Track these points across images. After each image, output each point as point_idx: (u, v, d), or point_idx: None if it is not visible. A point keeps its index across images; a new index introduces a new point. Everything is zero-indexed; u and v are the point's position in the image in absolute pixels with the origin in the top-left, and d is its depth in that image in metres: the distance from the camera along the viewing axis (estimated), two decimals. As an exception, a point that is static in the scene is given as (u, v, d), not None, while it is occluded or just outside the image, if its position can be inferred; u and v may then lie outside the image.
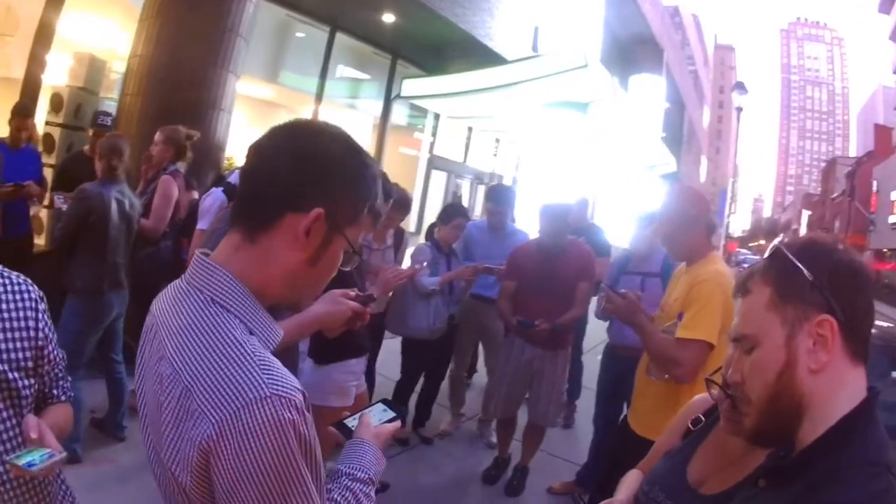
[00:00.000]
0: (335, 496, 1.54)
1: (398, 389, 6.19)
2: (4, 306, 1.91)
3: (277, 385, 1.22)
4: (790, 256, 1.36)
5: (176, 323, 1.36)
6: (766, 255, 1.45)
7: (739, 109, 30.53)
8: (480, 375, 7.28)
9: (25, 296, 1.97)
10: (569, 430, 7.22)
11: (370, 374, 5.64)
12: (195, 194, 6.23)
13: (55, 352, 2.05)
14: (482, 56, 13.91)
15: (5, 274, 1.97)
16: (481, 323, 6.59)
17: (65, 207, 5.24)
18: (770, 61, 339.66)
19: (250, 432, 1.17)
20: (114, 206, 4.97)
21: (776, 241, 1.47)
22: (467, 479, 5.75)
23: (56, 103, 7.82)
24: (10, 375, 1.87)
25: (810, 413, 1.29)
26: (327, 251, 1.43)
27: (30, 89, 8.35)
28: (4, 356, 1.87)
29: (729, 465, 1.76)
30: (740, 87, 30.72)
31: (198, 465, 1.21)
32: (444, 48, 14.21)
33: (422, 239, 7.85)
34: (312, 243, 1.39)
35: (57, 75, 8.66)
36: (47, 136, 7.62)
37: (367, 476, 1.64)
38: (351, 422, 1.84)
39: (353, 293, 2.61)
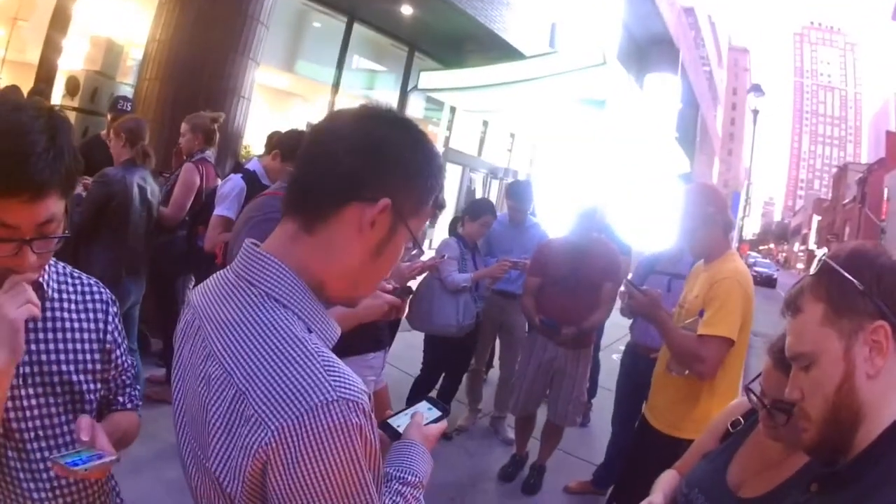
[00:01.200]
0: (386, 500, 1.43)
1: (417, 386, 6.06)
2: (74, 307, 1.82)
3: (343, 388, 1.14)
4: (838, 269, 1.36)
5: (224, 318, 1.27)
6: (812, 270, 1.44)
7: (756, 112, 30.49)
8: (496, 370, 7.21)
9: (96, 297, 1.89)
10: (585, 428, 7.13)
11: None
12: (219, 182, 6.18)
13: (124, 357, 1.95)
14: (500, 50, 13.88)
15: (75, 275, 1.88)
16: (501, 318, 6.55)
17: (84, 192, 5.21)
18: (783, 65, 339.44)
19: (315, 439, 1.10)
20: (135, 191, 4.94)
21: (820, 255, 1.46)
22: (484, 476, 5.70)
23: (72, 87, 7.81)
24: (74, 378, 1.77)
25: (867, 419, 1.29)
26: (391, 243, 1.35)
27: (45, 73, 8.32)
28: (71, 356, 1.78)
29: (767, 469, 1.84)
30: (757, 89, 30.67)
31: (251, 473, 1.13)
32: (461, 42, 14.18)
33: (440, 233, 7.79)
34: (376, 235, 1.31)
35: (73, 59, 8.65)
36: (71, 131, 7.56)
37: (417, 480, 1.53)
38: (395, 421, 1.74)
39: (389, 286, 2.57)
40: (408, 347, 6.24)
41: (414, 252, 4.65)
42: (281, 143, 4.70)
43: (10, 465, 1.66)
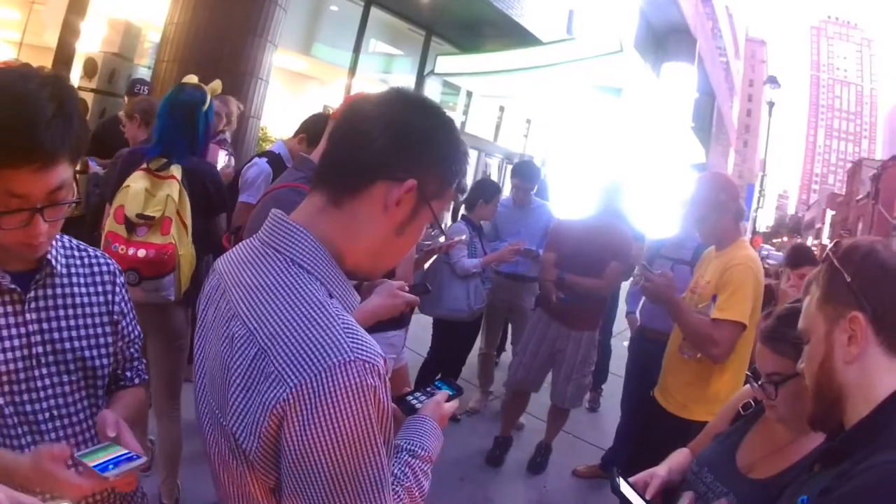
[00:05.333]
0: (395, 471, 1.50)
1: (426, 368, 6.02)
2: (82, 280, 1.82)
3: (361, 349, 1.18)
4: (833, 260, 1.49)
5: (250, 282, 1.33)
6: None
7: (771, 104, 30.36)
8: (508, 354, 7.21)
9: (104, 268, 1.89)
10: (594, 413, 7.23)
11: None
12: (232, 161, 6.12)
13: (130, 327, 1.96)
14: (517, 36, 13.88)
15: (81, 247, 1.88)
16: (511, 301, 6.55)
17: (102, 173, 5.18)
18: (800, 58, 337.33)
19: (330, 397, 1.14)
20: None
21: (829, 246, 1.60)
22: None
23: (90, 69, 7.83)
24: (87, 354, 1.78)
25: (851, 401, 1.41)
26: (413, 222, 1.41)
27: (63, 56, 8.33)
28: (83, 332, 1.79)
29: (776, 452, 1.97)
30: (773, 81, 30.52)
31: (268, 430, 1.17)
32: (479, 26, 14.17)
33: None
34: (400, 213, 1.37)
35: (91, 42, 8.65)
36: (80, 101, 7.57)
37: (426, 454, 1.60)
38: (412, 398, 1.81)
39: (407, 285, 2.57)
40: (421, 329, 6.23)
41: (433, 233, 4.63)
42: (308, 128, 4.57)
43: (25, 446, 1.65)
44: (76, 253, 1.85)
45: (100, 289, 1.85)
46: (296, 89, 13.21)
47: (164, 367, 3.75)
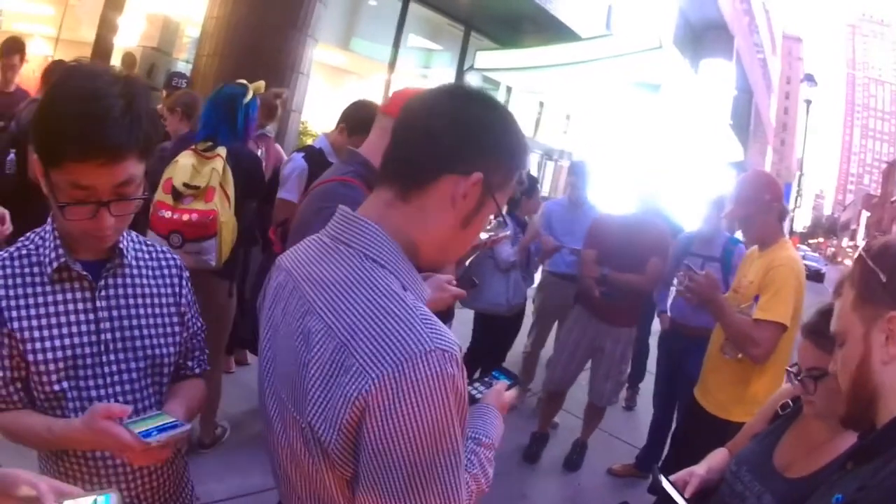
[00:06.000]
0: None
1: (465, 362, 5.90)
2: (150, 272, 1.88)
3: (440, 339, 1.20)
4: (868, 260, 1.45)
5: (324, 277, 1.35)
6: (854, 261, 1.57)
7: (808, 102, 30.03)
8: (546, 350, 7.06)
9: (171, 262, 1.95)
10: (631, 412, 7.24)
11: None
12: (284, 157, 6.05)
13: (195, 320, 2.01)
14: (555, 32, 13.82)
15: (148, 242, 1.94)
16: (561, 301, 6.43)
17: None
18: (835, 56, 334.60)
19: (412, 387, 1.16)
20: None
21: (861, 246, 1.62)
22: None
23: (128, 63, 7.88)
24: (155, 342, 1.83)
25: (883, 400, 1.38)
26: (478, 214, 1.42)
27: (101, 51, 8.38)
28: (152, 321, 1.84)
29: (813, 451, 1.99)
30: (810, 79, 30.27)
31: (348, 422, 1.19)
32: (517, 22, 14.13)
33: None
34: (467, 206, 1.38)
35: (129, 37, 8.69)
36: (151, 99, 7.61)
37: (490, 441, 1.65)
38: (471, 389, 1.83)
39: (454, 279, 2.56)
40: (458, 323, 6.19)
41: (493, 224, 4.56)
42: (348, 117, 4.42)
43: None
44: (143, 247, 1.90)
45: (168, 281, 1.91)
46: (335, 84, 13.18)
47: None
